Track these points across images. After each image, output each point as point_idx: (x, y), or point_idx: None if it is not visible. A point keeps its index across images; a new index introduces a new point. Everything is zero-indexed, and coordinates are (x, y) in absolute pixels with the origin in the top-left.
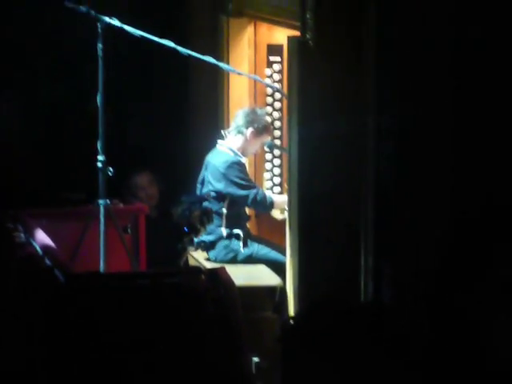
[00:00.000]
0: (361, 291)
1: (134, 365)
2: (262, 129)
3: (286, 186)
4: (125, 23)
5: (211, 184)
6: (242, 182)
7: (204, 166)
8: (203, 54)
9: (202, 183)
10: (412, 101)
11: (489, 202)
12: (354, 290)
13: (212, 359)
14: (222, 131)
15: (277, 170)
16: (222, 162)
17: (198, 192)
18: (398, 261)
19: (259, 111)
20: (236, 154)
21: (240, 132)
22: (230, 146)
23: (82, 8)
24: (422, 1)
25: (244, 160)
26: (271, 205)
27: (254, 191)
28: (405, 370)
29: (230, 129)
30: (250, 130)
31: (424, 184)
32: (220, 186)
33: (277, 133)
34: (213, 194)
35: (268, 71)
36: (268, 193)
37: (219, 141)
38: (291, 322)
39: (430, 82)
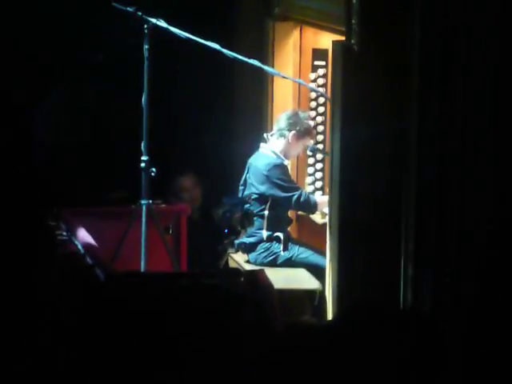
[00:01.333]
0: (400, 298)
1: (172, 365)
2: (305, 132)
3: (327, 190)
4: (171, 25)
5: (254, 186)
6: (285, 184)
7: (246, 169)
8: (249, 57)
9: (245, 185)
10: (455, 105)
11: None
12: (393, 297)
13: (250, 363)
14: (264, 134)
15: (319, 174)
16: (264, 165)
17: (240, 194)
18: (438, 269)
19: (301, 114)
20: (278, 157)
21: (282, 135)
22: (272, 148)
23: (130, 9)
24: (466, 4)
25: (286, 162)
26: (315, 205)
27: (297, 192)
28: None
29: (273, 132)
30: (293, 132)
31: (466, 189)
32: (263, 188)
33: (320, 137)
34: (255, 195)
35: (312, 75)
36: (311, 194)
37: (262, 144)
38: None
39: (474, 85)
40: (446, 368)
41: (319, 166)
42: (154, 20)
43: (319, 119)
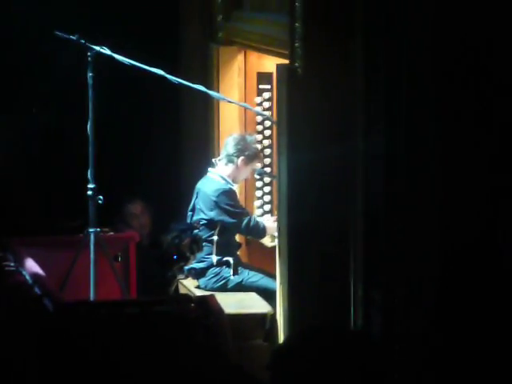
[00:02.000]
0: (351, 319)
1: None
2: (253, 156)
3: (276, 213)
4: (115, 52)
5: (203, 212)
6: (234, 210)
7: (195, 194)
8: (194, 82)
9: (193, 211)
10: (400, 126)
11: (479, 232)
12: (344, 318)
13: None
14: (212, 159)
15: (267, 197)
16: (213, 190)
17: (188, 220)
18: (387, 289)
19: (249, 138)
20: (227, 182)
21: (231, 161)
22: (220, 173)
23: (72, 37)
24: (408, 27)
25: (235, 187)
26: (264, 230)
27: (246, 218)
28: None
29: (221, 156)
30: (241, 158)
31: (414, 211)
32: (212, 214)
33: (267, 160)
34: (204, 221)
35: (258, 99)
36: (260, 219)
37: (210, 169)
38: (281, 349)
39: (418, 108)
40: None
41: (267, 189)
42: (97, 48)
43: (266, 142)
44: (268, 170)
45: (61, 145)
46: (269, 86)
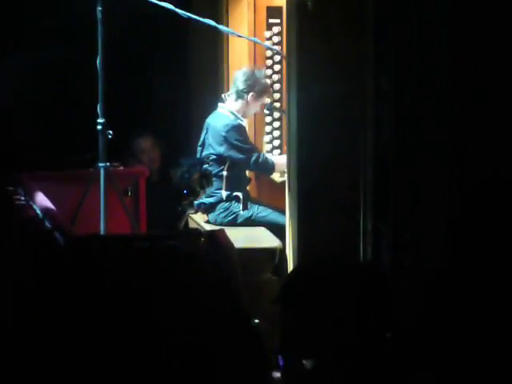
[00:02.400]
0: (360, 254)
1: (133, 327)
2: (262, 91)
3: (285, 148)
4: None
5: (212, 147)
6: (244, 146)
7: (204, 129)
8: (203, 16)
9: (203, 146)
10: (410, 63)
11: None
12: (353, 253)
13: (211, 322)
14: (222, 94)
15: (276, 133)
16: (222, 126)
17: (198, 155)
18: (396, 225)
19: (258, 73)
20: (236, 117)
21: (240, 96)
22: (230, 108)
23: None
24: None
25: (245, 123)
26: (273, 166)
27: (255, 154)
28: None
29: (230, 92)
30: (251, 93)
31: (423, 147)
32: (221, 149)
33: (276, 95)
34: (213, 156)
35: (267, 33)
36: (269, 155)
37: (220, 103)
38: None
39: (428, 45)
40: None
41: (277, 124)
42: None
43: (275, 77)
44: (277, 104)
45: (71, 79)
46: (278, 20)
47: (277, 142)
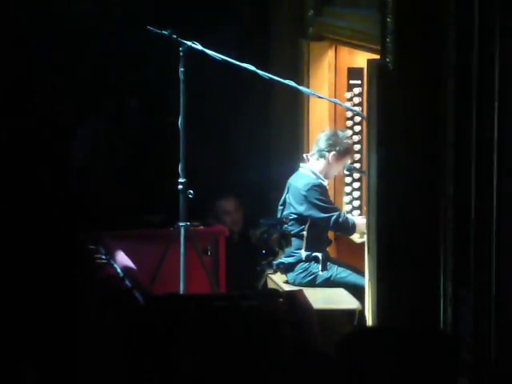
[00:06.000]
0: (440, 318)
1: None
2: (345, 152)
3: (365, 209)
4: (206, 47)
5: (292, 206)
6: (324, 205)
7: (286, 189)
8: (284, 77)
9: (284, 205)
10: (491, 130)
11: None
12: (433, 317)
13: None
14: (304, 155)
15: (356, 193)
16: (303, 185)
17: (279, 214)
18: (478, 287)
19: (341, 134)
20: (318, 177)
21: (322, 156)
22: (312, 168)
23: (165, 32)
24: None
25: (326, 183)
26: (353, 227)
27: (336, 214)
28: None
29: (312, 152)
30: (333, 153)
31: (506, 209)
32: (301, 208)
33: (357, 156)
34: (293, 216)
35: (348, 94)
36: (349, 215)
37: (301, 164)
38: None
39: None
40: None
41: (356, 184)
42: (189, 43)
43: (356, 138)
44: (357, 165)
45: (152, 141)
46: (359, 82)
47: (356, 203)
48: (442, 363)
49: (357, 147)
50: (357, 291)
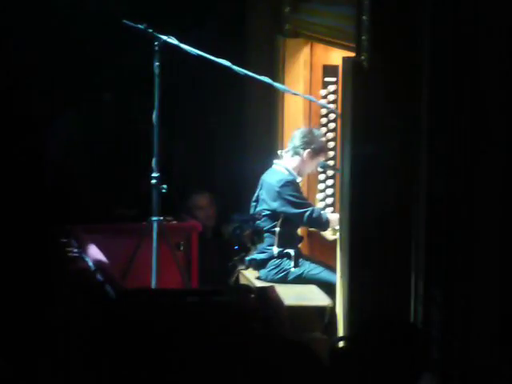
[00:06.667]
0: (410, 316)
1: (178, 380)
2: (319, 150)
3: (338, 206)
4: (181, 42)
5: (266, 202)
6: (298, 201)
7: (259, 185)
8: (259, 73)
9: (257, 201)
10: (466, 122)
11: None
12: (404, 315)
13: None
14: (278, 151)
15: (330, 191)
16: (277, 181)
17: (252, 210)
18: (449, 287)
19: (316, 132)
20: (291, 174)
21: (297, 153)
22: (286, 165)
23: (140, 26)
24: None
25: (299, 180)
26: (327, 222)
27: (309, 209)
28: None
29: (287, 149)
30: (307, 150)
31: (478, 208)
32: (275, 204)
33: (331, 153)
34: (267, 212)
35: (323, 92)
36: (322, 211)
37: (275, 160)
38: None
39: (484, 101)
40: None
41: (330, 182)
42: (164, 37)
43: (330, 135)
44: (331, 163)
45: (125, 135)
46: (334, 79)
47: (330, 200)
48: (411, 351)
49: (331, 144)
50: (329, 288)
